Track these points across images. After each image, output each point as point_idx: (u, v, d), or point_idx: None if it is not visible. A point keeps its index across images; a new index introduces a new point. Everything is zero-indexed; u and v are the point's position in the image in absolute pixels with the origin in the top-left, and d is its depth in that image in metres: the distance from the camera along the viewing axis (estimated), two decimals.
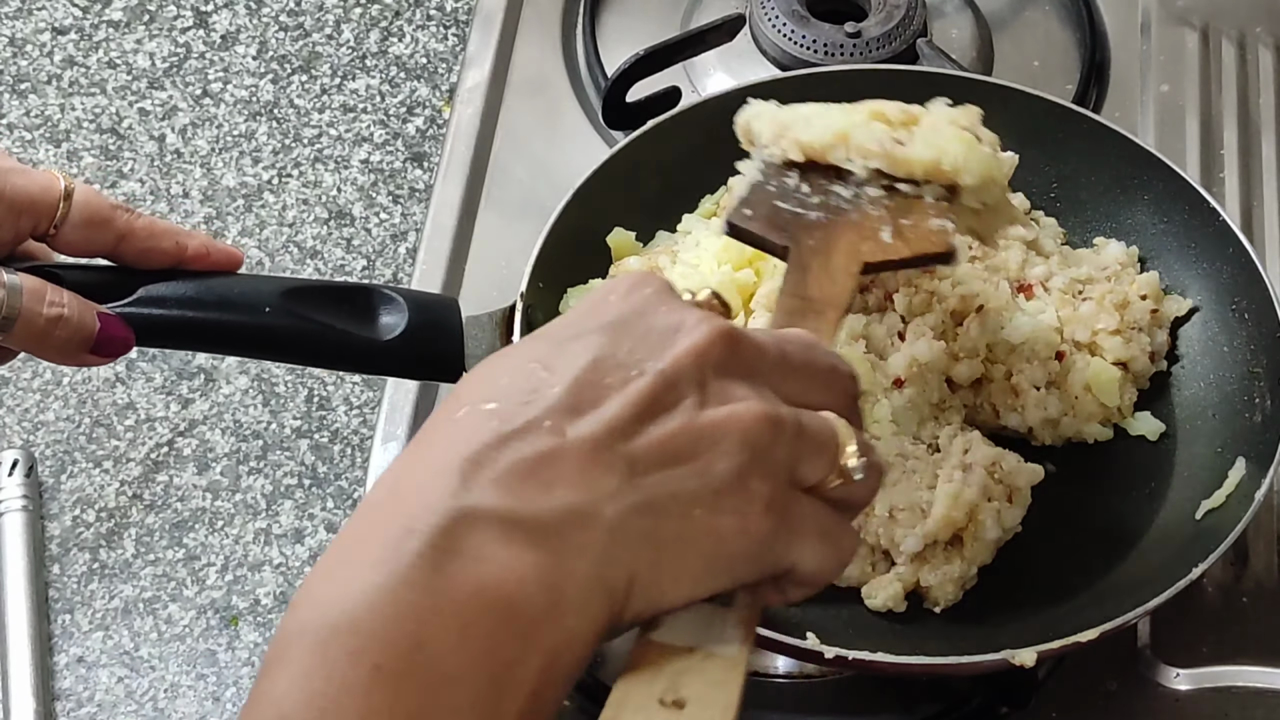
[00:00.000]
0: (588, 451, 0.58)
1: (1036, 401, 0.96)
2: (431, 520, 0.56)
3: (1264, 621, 0.99)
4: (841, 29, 1.20)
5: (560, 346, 0.61)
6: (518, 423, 0.58)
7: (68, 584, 1.12)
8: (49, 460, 1.17)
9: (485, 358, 0.65)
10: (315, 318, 0.90)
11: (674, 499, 0.59)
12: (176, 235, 0.87)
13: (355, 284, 0.93)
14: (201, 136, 1.33)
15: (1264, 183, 1.18)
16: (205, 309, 0.88)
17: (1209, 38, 1.25)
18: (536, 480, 0.57)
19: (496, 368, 0.62)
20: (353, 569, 0.56)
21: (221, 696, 1.08)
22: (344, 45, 1.39)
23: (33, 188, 0.83)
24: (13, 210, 0.82)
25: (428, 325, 0.93)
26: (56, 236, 0.84)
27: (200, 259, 0.88)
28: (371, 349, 0.92)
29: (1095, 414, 0.98)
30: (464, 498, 0.56)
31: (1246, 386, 0.97)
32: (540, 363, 0.61)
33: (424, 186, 1.31)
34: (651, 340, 0.61)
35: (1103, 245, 1.04)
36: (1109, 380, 0.98)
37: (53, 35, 1.39)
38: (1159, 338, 1.00)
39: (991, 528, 0.91)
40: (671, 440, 0.59)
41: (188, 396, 1.20)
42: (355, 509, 0.59)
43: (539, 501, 0.57)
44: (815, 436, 0.62)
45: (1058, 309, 0.99)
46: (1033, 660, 0.84)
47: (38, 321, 0.81)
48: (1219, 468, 0.95)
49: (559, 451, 0.58)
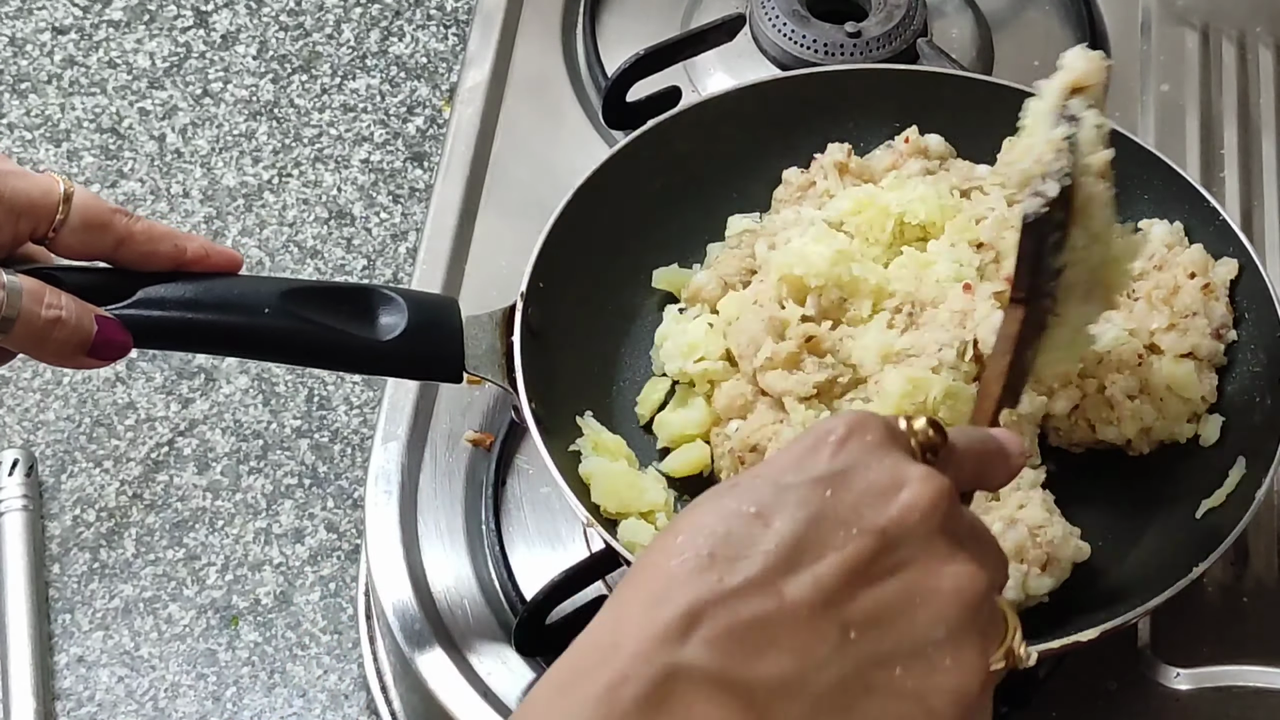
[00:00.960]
0: (804, 616, 0.57)
1: (1133, 412, 0.95)
2: (647, 672, 0.56)
3: (1264, 621, 0.99)
4: (842, 29, 1.20)
5: (779, 496, 0.60)
6: (737, 580, 0.58)
7: (68, 584, 1.12)
8: (49, 460, 1.17)
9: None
10: (314, 318, 0.90)
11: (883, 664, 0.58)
12: (175, 238, 0.87)
13: (354, 284, 0.93)
14: (202, 136, 1.33)
15: (1264, 182, 1.18)
16: (204, 310, 0.88)
17: (1209, 37, 1.25)
18: (752, 643, 0.57)
19: (714, 511, 0.61)
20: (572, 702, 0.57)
21: (222, 696, 1.08)
22: (344, 45, 1.39)
23: (33, 191, 0.83)
24: (12, 213, 0.82)
25: (427, 325, 0.93)
26: (55, 240, 0.84)
27: (200, 261, 0.88)
28: (371, 349, 0.92)
29: (1183, 412, 0.96)
30: (680, 654, 0.56)
31: (1246, 385, 0.97)
32: (759, 511, 0.60)
33: (424, 186, 1.31)
34: (872, 496, 0.60)
35: (1147, 227, 1.02)
36: (1185, 375, 0.96)
37: (53, 35, 1.39)
38: (1217, 311, 0.98)
39: (1014, 589, 0.89)
40: (886, 606, 0.58)
41: (188, 396, 1.20)
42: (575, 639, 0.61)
43: (752, 665, 0.56)
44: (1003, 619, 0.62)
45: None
46: (1034, 659, 0.84)
47: (36, 323, 0.81)
48: (1219, 467, 0.95)
49: (776, 614, 0.57)
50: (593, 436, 0.96)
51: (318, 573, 1.13)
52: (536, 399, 0.93)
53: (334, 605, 1.12)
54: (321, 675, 1.09)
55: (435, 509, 1.04)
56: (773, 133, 1.08)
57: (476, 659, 0.98)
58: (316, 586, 1.12)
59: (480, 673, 0.97)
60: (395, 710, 1.05)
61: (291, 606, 1.12)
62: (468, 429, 1.07)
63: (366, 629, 1.09)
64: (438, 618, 1.00)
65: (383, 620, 1.01)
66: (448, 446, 1.06)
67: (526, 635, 0.95)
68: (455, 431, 1.07)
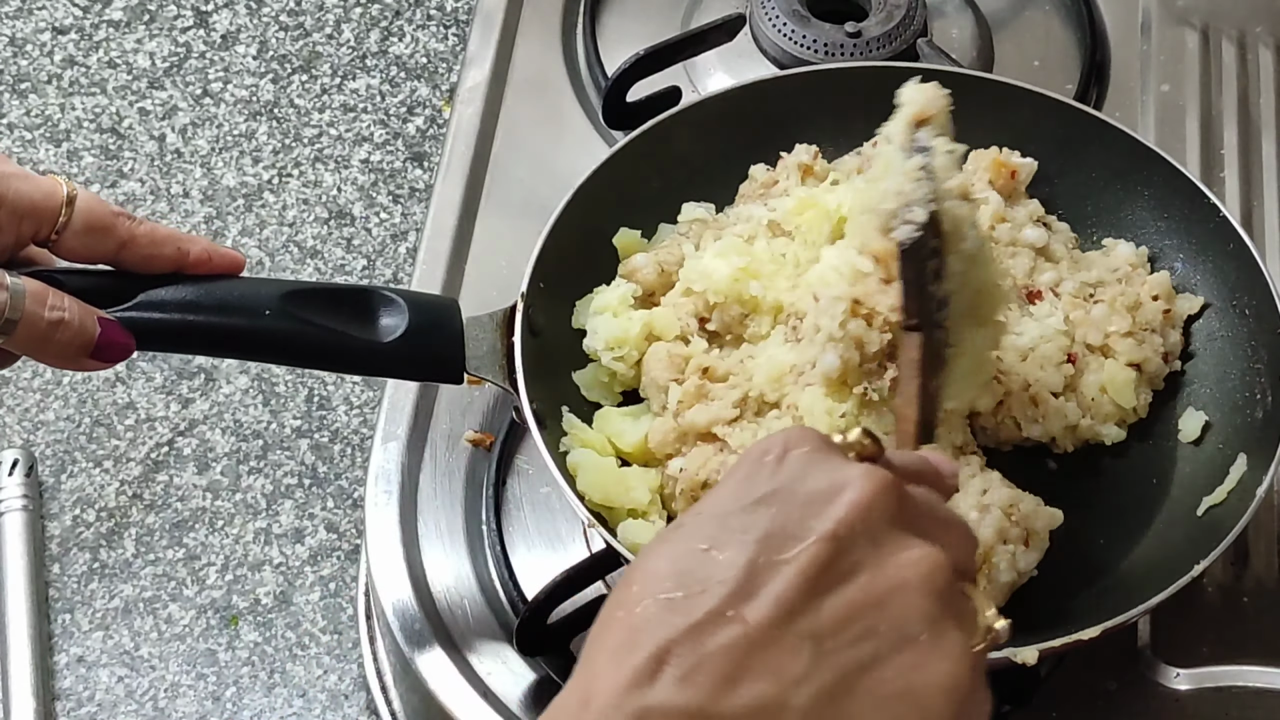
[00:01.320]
0: (771, 636, 0.56)
1: (1056, 409, 0.96)
2: (617, 718, 0.55)
3: (1264, 621, 0.99)
4: (842, 29, 1.20)
5: (725, 525, 0.60)
6: (698, 614, 0.57)
7: (68, 584, 1.12)
8: (49, 460, 1.17)
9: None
10: (315, 320, 0.90)
11: (864, 668, 0.57)
12: (178, 241, 0.87)
13: (355, 286, 0.93)
14: (202, 136, 1.33)
15: (1264, 182, 1.18)
16: (206, 313, 0.88)
17: (1209, 37, 1.25)
18: (723, 674, 0.56)
19: (664, 555, 0.60)
20: None
21: (221, 696, 1.08)
22: (344, 45, 1.39)
23: (35, 193, 0.83)
24: (14, 215, 0.82)
25: (428, 327, 0.93)
26: (58, 242, 0.84)
27: (202, 264, 0.88)
28: (372, 351, 0.92)
29: (1112, 415, 0.98)
30: (650, 696, 0.56)
31: (1248, 383, 0.97)
32: (710, 544, 0.59)
33: (424, 186, 1.31)
34: (816, 505, 0.59)
35: (1112, 246, 1.04)
36: (1124, 382, 0.98)
37: (53, 35, 1.39)
38: (1172, 338, 1.00)
39: (1006, 570, 0.90)
40: (853, 607, 0.58)
41: (188, 396, 1.20)
42: (552, 701, 0.59)
43: (726, 697, 0.55)
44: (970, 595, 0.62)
45: (1068, 313, 0.99)
46: (1035, 658, 0.84)
47: (39, 325, 0.81)
48: (1220, 464, 0.95)
49: (743, 641, 0.56)
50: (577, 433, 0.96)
51: (318, 573, 1.13)
52: (537, 399, 0.93)
53: (334, 605, 1.12)
54: (321, 675, 1.09)
55: (435, 509, 1.04)
56: (771, 131, 1.08)
57: (476, 659, 0.98)
58: (316, 586, 1.12)
59: (480, 673, 0.97)
60: (395, 710, 1.05)
61: (291, 606, 1.12)
62: (468, 429, 1.07)
63: (366, 629, 1.09)
64: (438, 618, 1.00)
65: (383, 620, 1.01)
66: (448, 446, 1.06)
67: (527, 635, 0.95)
68: (455, 431, 1.07)
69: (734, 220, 1.04)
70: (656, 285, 1.01)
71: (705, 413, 0.94)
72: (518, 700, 0.96)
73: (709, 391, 0.95)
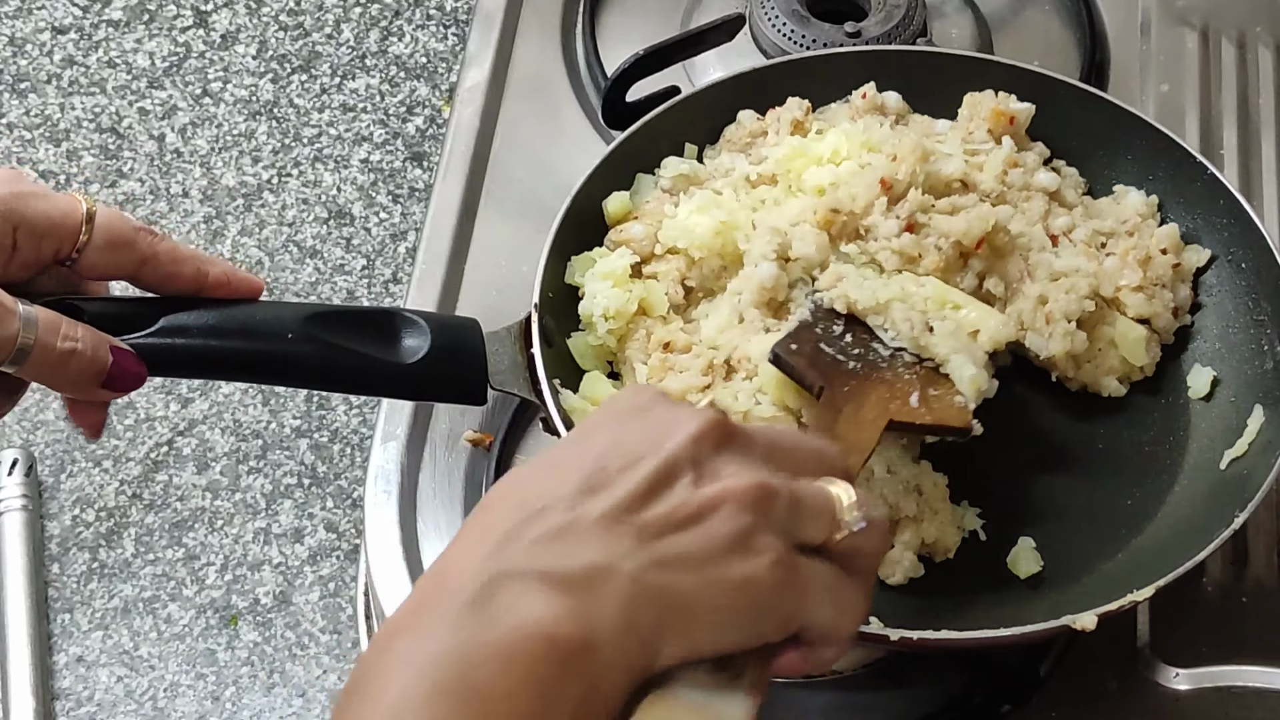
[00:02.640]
0: (602, 522, 0.65)
1: (1065, 332, 0.96)
2: (474, 583, 0.63)
3: (1264, 621, 0.99)
4: (841, 29, 1.20)
5: (569, 449, 0.69)
6: (538, 507, 0.66)
7: (67, 583, 1.12)
8: (49, 459, 1.17)
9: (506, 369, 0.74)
10: (337, 343, 0.89)
11: (684, 559, 0.65)
12: (199, 262, 0.88)
13: (376, 308, 0.93)
14: (201, 136, 1.33)
15: (1264, 182, 1.18)
16: (227, 337, 0.87)
17: (1209, 37, 1.25)
18: (560, 545, 0.64)
19: (517, 479, 0.69)
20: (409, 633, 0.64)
21: (221, 696, 1.08)
22: (344, 45, 1.39)
23: (54, 212, 0.83)
24: (34, 235, 0.82)
25: (450, 347, 0.93)
26: (79, 260, 0.84)
27: (221, 286, 0.88)
28: (395, 373, 0.91)
29: (1116, 369, 0.98)
30: (500, 562, 0.64)
31: (1254, 335, 0.98)
32: (554, 465, 0.68)
33: (424, 186, 1.31)
34: (653, 432, 0.68)
35: (1122, 193, 1.04)
36: (1136, 339, 0.98)
37: (52, 34, 1.39)
38: (1182, 292, 1.00)
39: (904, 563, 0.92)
40: (675, 511, 0.66)
41: (187, 396, 1.20)
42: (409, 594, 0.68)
43: (565, 560, 0.64)
44: (811, 500, 0.69)
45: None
46: (1094, 624, 0.84)
47: (51, 355, 0.82)
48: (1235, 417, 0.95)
49: (576, 523, 0.65)
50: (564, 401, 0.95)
51: (317, 572, 1.13)
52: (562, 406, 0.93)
53: (333, 605, 1.12)
54: (321, 675, 1.09)
55: (435, 509, 1.04)
56: None
57: None
58: (316, 586, 1.12)
59: None
60: None
61: (291, 606, 1.12)
62: (467, 429, 1.07)
63: (366, 629, 1.09)
64: None
65: (382, 620, 1.01)
66: (447, 446, 1.06)
67: None
68: (454, 431, 1.07)
69: (715, 172, 1.04)
70: (647, 253, 1.01)
71: (676, 383, 0.95)
72: None
73: (674, 364, 0.96)
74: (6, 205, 0.81)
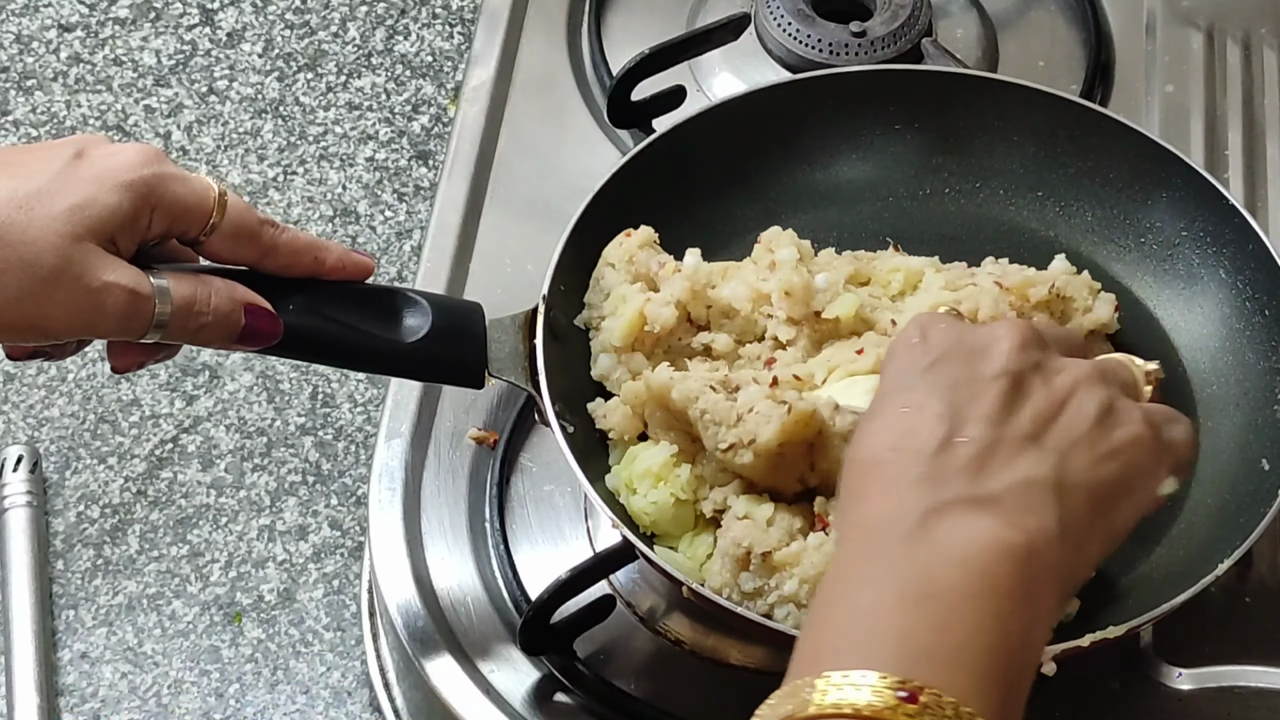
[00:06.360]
0: (997, 440, 0.71)
1: None
2: (909, 519, 0.68)
3: (1267, 621, 0.99)
4: (846, 28, 1.20)
5: (909, 393, 0.73)
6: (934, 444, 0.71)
7: (71, 580, 1.12)
8: (53, 456, 1.17)
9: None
10: (338, 318, 0.90)
11: (1074, 445, 0.72)
12: (315, 250, 0.89)
13: (379, 286, 0.94)
14: (207, 134, 1.34)
15: (1269, 183, 1.18)
16: None
17: (1214, 38, 1.25)
18: (974, 472, 0.70)
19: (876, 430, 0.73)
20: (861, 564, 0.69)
21: (225, 693, 1.08)
22: (350, 43, 1.39)
23: (190, 196, 0.85)
24: (167, 217, 0.84)
25: (451, 329, 0.93)
26: (204, 244, 0.86)
27: (336, 271, 0.90)
28: (394, 351, 0.92)
29: None
30: (929, 499, 0.69)
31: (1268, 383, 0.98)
32: (908, 406, 0.73)
33: (429, 184, 1.31)
34: (977, 356, 0.74)
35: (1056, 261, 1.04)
36: None
37: (59, 32, 1.39)
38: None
39: None
40: (1046, 409, 0.73)
41: (192, 393, 1.20)
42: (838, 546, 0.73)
43: (987, 485, 0.69)
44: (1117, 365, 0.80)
45: None
46: (1087, 643, 0.85)
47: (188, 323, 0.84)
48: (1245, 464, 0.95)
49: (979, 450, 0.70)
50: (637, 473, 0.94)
51: (321, 570, 1.13)
52: (560, 401, 0.93)
53: (337, 602, 1.12)
54: (324, 672, 1.09)
55: (439, 507, 1.04)
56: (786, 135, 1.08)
57: (479, 657, 0.98)
58: (320, 584, 1.13)
59: (484, 670, 0.98)
60: (398, 707, 1.06)
61: (295, 603, 1.12)
62: (472, 427, 1.07)
63: (369, 626, 1.09)
64: (441, 615, 1.00)
65: (386, 618, 1.01)
66: (451, 444, 1.06)
67: (531, 635, 0.95)
68: (459, 429, 1.07)
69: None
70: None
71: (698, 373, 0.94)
72: (521, 698, 0.97)
73: (686, 345, 0.98)
74: (148, 186, 0.83)
